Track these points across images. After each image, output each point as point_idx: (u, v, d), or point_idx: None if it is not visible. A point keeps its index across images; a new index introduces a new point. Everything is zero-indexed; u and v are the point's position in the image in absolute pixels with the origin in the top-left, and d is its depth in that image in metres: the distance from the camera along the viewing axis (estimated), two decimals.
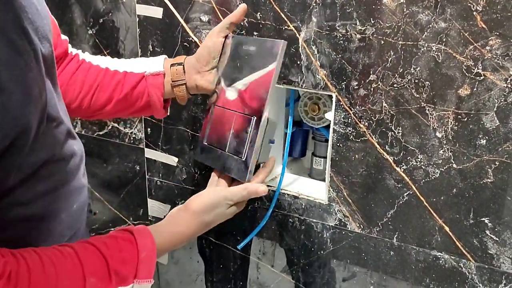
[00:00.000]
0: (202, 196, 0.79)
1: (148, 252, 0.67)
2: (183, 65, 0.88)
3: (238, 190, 0.81)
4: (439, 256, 0.87)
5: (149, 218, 1.24)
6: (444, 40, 0.77)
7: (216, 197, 0.80)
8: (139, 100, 0.90)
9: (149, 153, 1.18)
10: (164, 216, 0.80)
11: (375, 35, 0.82)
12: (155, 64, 0.89)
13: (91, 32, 1.18)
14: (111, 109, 0.90)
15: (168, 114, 0.94)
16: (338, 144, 0.91)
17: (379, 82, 0.84)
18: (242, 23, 0.94)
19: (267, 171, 0.87)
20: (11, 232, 0.63)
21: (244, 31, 0.95)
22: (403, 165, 0.86)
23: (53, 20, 0.86)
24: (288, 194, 1.00)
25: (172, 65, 0.88)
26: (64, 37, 0.89)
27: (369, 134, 0.88)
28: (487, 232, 0.82)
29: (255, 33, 0.94)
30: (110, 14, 1.14)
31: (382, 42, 0.82)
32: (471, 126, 0.79)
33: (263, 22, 0.92)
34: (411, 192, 0.87)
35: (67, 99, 0.89)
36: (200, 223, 0.77)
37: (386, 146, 0.87)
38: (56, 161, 0.68)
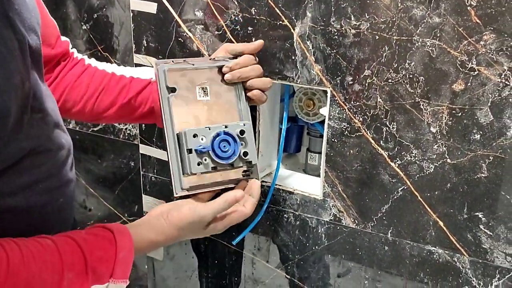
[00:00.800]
0: (182, 213, 0.77)
1: (126, 253, 0.67)
2: None
3: (218, 203, 0.79)
4: (433, 250, 0.88)
5: (144, 214, 1.24)
6: (438, 35, 0.77)
7: (195, 216, 0.77)
8: (142, 106, 0.90)
9: (144, 149, 1.18)
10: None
11: (369, 30, 0.82)
12: None
13: (85, 27, 1.18)
14: (114, 114, 0.90)
15: None
16: (333, 140, 0.91)
17: (373, 77, 0.84)
18: (236, 19, 0.94)
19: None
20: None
21: (238, 27, 0.94)
22: (397, 160, 0.86)
23: (53, 21, 0.86)
24: (283, 190, 1.01)
25: None
26: (64, 38, 0.90)
27: (364, 129, 0.88)
28: (481, 226, 0.82)
29: (249, 29, 0.93)
30: (104, 9, 1.13)
31: (377, 37, 0.82)
32: (465, 121, 0.79)
33: (257, 17, 0.92)
34: (405, 187, 0.87)
35: (70, 101, 0.90)
36: (176, 237, 0.77)
37: (381, 141, 0.87)
38: (41, 152, 0.68)
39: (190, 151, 0.79)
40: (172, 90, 0.81)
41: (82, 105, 0.89)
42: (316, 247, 1.00)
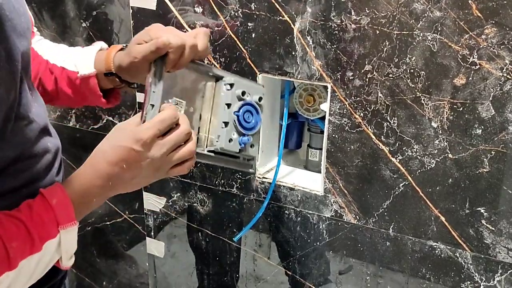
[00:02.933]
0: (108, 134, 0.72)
1: (59, 198, 0.65)
2: (116, 74, 0.81)
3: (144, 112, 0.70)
4: (435, 246, 0.87)
5: (145, 211, 1.24)
6: (439, 29, 0.77)
7: (116, 129, 0.71)
8: (78, 98, 0.86)
9: None
10: (160, 210, 0.79)
11: (370, 25, 0.82)
12: (86, 64, 0.83)
13: (85, 25, 1.17)
14: (61, 102, 0.87)
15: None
16: (333, 135, 0.91)
17: (374, 73, 0.84)
18: (236, 14, 0.94)
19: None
20: None
21: (238, 23, 0.94)
22: (398, 156, 0.86)
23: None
24: (284, 186, 1.00)
25: (105, 74, 0.82)
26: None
27: (365, 124, 0.87)
28: (483, 221, 0.82)
29: (249, 24, 0.93)
30: (104, 6, 1.13)
31: (377, 32, 0.81)
32: (466, 116, 0.79)
33: (257, 12, 0.91)
34: (407, 183, 0.86)
35: None
36: (108, 163, 0.69)
37: (382, 136, 0.86)
38: (26, 158, 0.67)
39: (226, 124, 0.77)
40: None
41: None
42: (318, 243, 0.99)
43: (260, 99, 0.80)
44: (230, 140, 0.77)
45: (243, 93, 0.77)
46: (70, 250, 0.67)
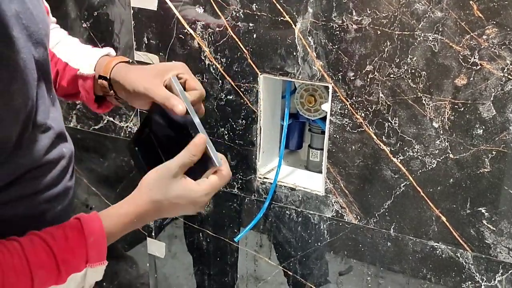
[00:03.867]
0: (148, 174, 0.71)
1: (97, 236, 0.65)
2: (109, 81, 0.81)
3: (181, 153, 0.70)
4: (436, 246, 0.87)
5: None
6: (440, 29, 0.77)
7: (158, 170, 0.70)
8: (74, 94, 0.86)
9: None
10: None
11: (371, 25, 0.82)
12: (88, 64, 0.82)
13: (86, 25, 1.17)
14: (59, 94, 0.86)
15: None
16: (334, 136, 0.91)
17: (375, 73, 0.84)
18: (237, 15, 0.94)
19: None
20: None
21: (239, 23, 0.94)
22: (399, 156, 0.86)
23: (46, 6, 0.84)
24: (285, 186, 1.00)
25: (99, 76, 0.81)
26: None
27: (366, 125, 0.87)
28: (484, 221, 0.82)
29: (250, 25, 0.93)
30: (104, 7, 1.13)
31: (379, 32, 0.82)
32: (467, 116, 0.79)
33: (258, 13, 0.92)
34: (408, 183, 0.86)
35: None
36: (150, 203, 0.70)
37: (383, 136, 0.86)
38: (41, 165, 0.68)
39: None
40: None
41: None
42: (319, 244, 0.99)
43: None
44: None
45: None
46: (94, 281, 0.67)
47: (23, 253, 0.60)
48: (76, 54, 0.85)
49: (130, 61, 0.83)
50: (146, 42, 1.07)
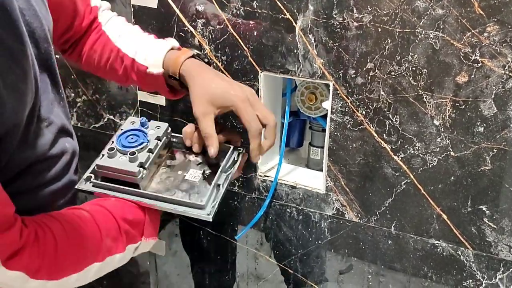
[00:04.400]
0: None
1: (153, 214, 0.74)
2: (179, 80, 0.86)
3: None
4: (437, 244, 0.87)
5: None
6: (441, 27, 0.77)
7: None
8: (146, 86, 0.91)
9: None
10: None
11: (372, 23, 0.82)
12: (156, 62, 0.86)
13: None
14: (129, 84, 0.96)
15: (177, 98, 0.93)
16: (335, 133, 0.91)
17: (376, 70, 0.84)
18: (238, 12, 0.94)
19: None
20: None
21: (240, 20, 0.94)
22: (400, 154, 0.86)
23: None
24: (285, 184, 1.00)
25: (170, 76, 0.86)
26: (95, 3, 0.89)
27: (367, 122, 0.87)
28: (485, 219, 0.82)
29: (251, 22, 0.93)
30: None
31: (380, 29, 0.81)
32: (468, 114, 0.79)
33: (259, 11, 0.91)
34: (408, 181, 0.86)
35: (87, 66, 0.92)
36: None
37: (384, 134, 0.86)
38: (45, 159, 0.70)
39: None
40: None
41: (97, 72, 0.92)
42: (319, 242, 0.99)
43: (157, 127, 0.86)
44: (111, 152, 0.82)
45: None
46: (142, 252, 0.77)
47: (94, 221, 0.68)
48: (141, 48, 0.88)
49: (196, 53, 0.88)
50: None
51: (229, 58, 0.98)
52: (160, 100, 1.09)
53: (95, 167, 0.81)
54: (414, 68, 0.81)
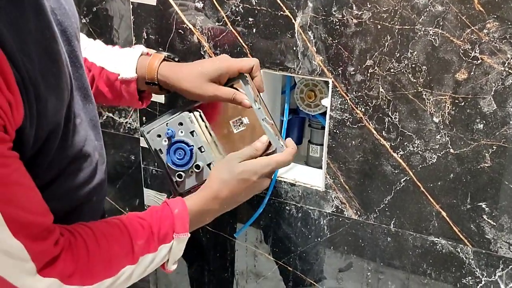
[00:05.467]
0: (219, 161, 0.85)
1: (180, 208, 0.74)
2: (158, 84, 0.87)
3: (245, 148, 0.85)
4: (436, 241, 0.87)
5: (145, 208, 1.24)
6: (441, 24, 0.77)
7: (224, 160, 0.84)
8: (114, 97, 0.90)
9: (145, 143, 1.17)
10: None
11: (371, 20, 0.82)
12: (128, 68, 0.87)
13: (85, 21, 1.17)
14: (96, 100, 0.90)
15: (162, 101, 0.94)
16: (334, 131, 0.91)
17: (375, 67, 0.83)
18: (237, 9, 0.94)
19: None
20: None
21: (239, 18, 0.94)
22: (400, 151, 0.86)
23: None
24: (284, 182, 1.00)
25: (147, 82, 0.87)
26: None
27: (366, 120, 0.87)
28: (484, 216, 0.82)
29: (250, 19, 0.93)
30: (104, 2, 1.13)
31: (379, 26, 0.81)
32: (468, 111, 0.79)
33: (258, 8, 0.91)
34: (408, 178, 0.86)
35: None
36: (219, 181, 0.81)
37: (383, 131, 0.86)
38: (81, 157, 0.71)
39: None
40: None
41: None
42: (318, 239, 0.99)
43: (180, 124, 0.87)
44: (180, 179, 0.87)
45: (159, 135, 0.87)
46: (176, 256, 0.76)
47: (123, 225, 0.68)
48: (110, 58, 0.89)
49: (167, 55, 0.89)
50: (146, 37, 1.07)
51: (228, 55, 0.97)
52: (159, 98, 1.09)
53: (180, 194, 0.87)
54: (413, 65, 0.80)
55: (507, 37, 0.73)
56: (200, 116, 0.89)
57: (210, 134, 0.89)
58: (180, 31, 1.01)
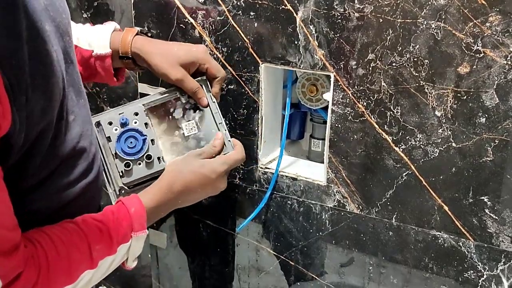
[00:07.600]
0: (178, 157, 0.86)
1: (136, 207, 0.74)
2: (132, 58, 0.88)
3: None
4: (438, 235, 0.87)
5: None
6: (443, 17, 0.76)
7: (190, 152, 0.86)
8: (88, 75, 0.89)
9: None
10: None
11: (373, 13, 0.81)
12: (102, 43, 0.87)
13: (86, 15, 1.17)
14: None
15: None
16: (336, 125, 0.91)
17: (377, 61, 0.83)
18: (238, 4, 0.93)
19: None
20: (34, 224, 0.65)
21: (240, 12, 0.93)
22: (402, 145, 0.85)
23: None
24: (286, 176, 1.00)
25: (120, 57, 0.88)
26: None
27: (368, 114, 0.87)
28: (486, 210, 0.82)
29: (251, 13, 0.92)
30: None
31: (381, 20, 0.81)
32: (470, 104, 0.78)
33: (259, 2, 0.91)
34: (410, 172, 0.86)
35: None
36: (175, 172, 0.82)
37: (385, 126, 0.86)
38: (76, 153, 0.70)
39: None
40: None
41: None
42: (320, 234, 0.99)
43: (135, 114, 0.86)
44: (128, 168, 0.85)
45: (110, 123, 0.85)
46: (136, 253, 0.75)
47: (81, 231, 0.67)
48: (82, 35, 0.88)
49: (140, 30, 0.90)
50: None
51: (230, 49, 0.97)
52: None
53: (122, 187, 0.85)
54: (415, 59, 0.80)
55: (509, 30, 0.73)
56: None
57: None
58: (181, 25, 1.01)
